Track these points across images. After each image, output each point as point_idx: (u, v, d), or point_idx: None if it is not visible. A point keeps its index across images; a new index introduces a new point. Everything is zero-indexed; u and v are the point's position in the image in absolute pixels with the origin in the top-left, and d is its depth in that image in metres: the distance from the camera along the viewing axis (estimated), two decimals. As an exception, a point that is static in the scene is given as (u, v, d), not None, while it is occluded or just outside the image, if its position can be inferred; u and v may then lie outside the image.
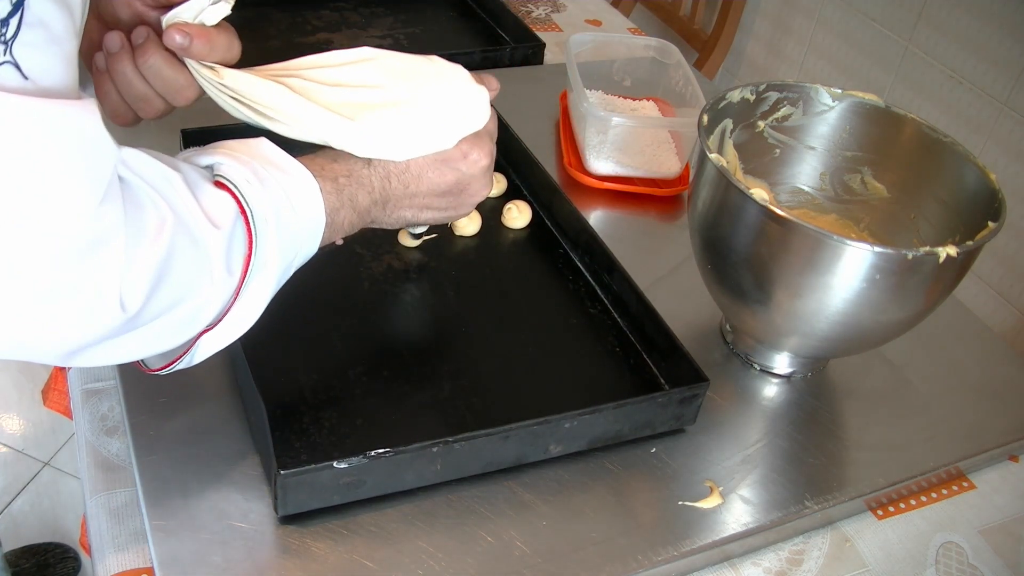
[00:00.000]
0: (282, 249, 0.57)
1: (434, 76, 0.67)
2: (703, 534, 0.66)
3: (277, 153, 0.59)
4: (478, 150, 0.67)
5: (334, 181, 0.61)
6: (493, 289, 0.84)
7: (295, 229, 0.58)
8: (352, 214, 0.63)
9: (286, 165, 0.58)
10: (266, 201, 0.55)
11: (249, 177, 0.55)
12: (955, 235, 0.74)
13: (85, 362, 0.51)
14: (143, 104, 0.62)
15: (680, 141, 1.06)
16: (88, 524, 0.66)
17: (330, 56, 0.64)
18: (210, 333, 0.56)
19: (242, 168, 0.55)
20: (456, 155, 0.66)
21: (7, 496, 1.67)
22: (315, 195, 0.59)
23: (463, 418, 0.70)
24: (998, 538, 0.73)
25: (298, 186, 0.58)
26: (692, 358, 0.72)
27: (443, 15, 1.37)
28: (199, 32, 0.58)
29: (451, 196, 0.68)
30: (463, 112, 0.67)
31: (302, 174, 0.59)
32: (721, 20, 2.00)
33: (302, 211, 0.58)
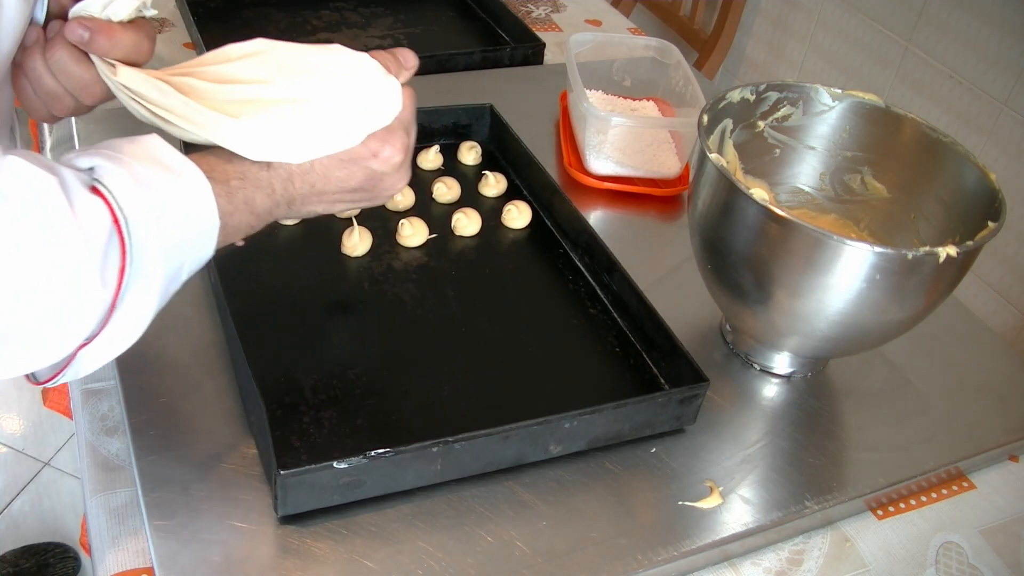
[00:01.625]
0: (166, 257, 0.53)
1: (335, 68, 0.61)
2: (703, 534, 0.66)
3: (167, 152, 0.54)
4: (390, 146, 0.62)
5: (225, 184, 0.57)
6: (493, 289, 0.84)
7: (182, 234, 0.54)
8: (249, 216, 0.59)
9: (175, 164, 0.54)
10: (145, 206, 0.51)
11: (127, 181, 0.51)
12: (955, 235, 0.74)
13: None
14: (54, 101, 0.60)
15: (680, 141, 1.06)
16: (88, 524, 0.66)
17: (225, 51, 0.60)
18: (90, 347, 0.52)
19: (120, 171, 0.51)
20: (365, 153, 0.61)
21: (7, 496, 1.67)
22: (206, 196, 0.55)
23: (463, 418, 0.70)
24: (998, 538, 0.73)
25: (186, 187, 0.54)
26: (692, 358, 0.72)
27: (443, 15, 1.37)
28: (101, 27, 0.56)
29: (363, 191, 0.64)
30: (368, 106, 0.61)
31: (192, 174, 0.54)
32: (721, 20, 2.00)
33: (191, 213, 0.54)
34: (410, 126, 0.64)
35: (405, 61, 0.65)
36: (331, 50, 0.62)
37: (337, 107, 0.60)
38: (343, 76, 0.61)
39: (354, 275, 0.83)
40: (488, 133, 1.04)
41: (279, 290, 0.80)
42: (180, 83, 0.58)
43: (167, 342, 0.74)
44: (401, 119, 0.63)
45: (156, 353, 0.73)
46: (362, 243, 0.85)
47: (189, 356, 0.73)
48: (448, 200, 0.94)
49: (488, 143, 1.03)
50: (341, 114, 0.60)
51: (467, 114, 1.03)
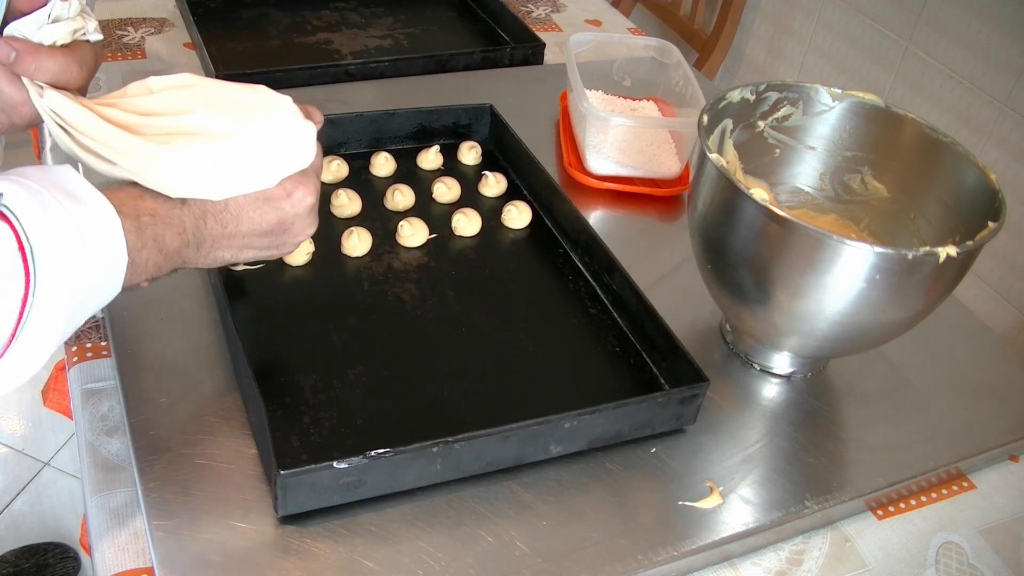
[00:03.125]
0: (71, 288, 0.51)
1: (257, 109, 0.62)
2: (703, 534, 0.66)
3: (77, 182, 0.53)
4: (303, 188, 0.63)
5: (135, 219, 0.56)
6: (493, 289, 0.84)
7: (88, 266, 0.52)
8: (158, 255, 0.58)
9: (84, 195, 0.53)
10: (50, 234, 0.50)
11: (34, 208, 0.50)
12: (955, 235, 0.74)
13: None
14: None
15: (680, 141, 1.06)
16: (88, 524, 0.66)
17: (148, 82, 0.60)
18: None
19: (28, 197, 0.50)
20: (280, 193, 0.62)
21: (7, 496, 1.67)
22: (114, 230, 0.54)
23: (463, 418, 0.70)
24: (998, 538, 0.73)
25: (94, 219, 0.53)
26: (692, 358, 0.72)
27: (443, 15, 1.37)
28: (27, 49, 0.57)
29: (273, 236, 0.64)
30: (287, 149, 0.62)
31: (101, 206, 0.53)
32: (721, 20, 2.00)
33: (97, 247, 0.53)
34: (320, 172, 0.65)
35: (314, 117, 0.65)
36: (255, 89, 0.62)
37: (257, 146, 0.60)
38: (263, 116, 0.61)
39: (354, 275, 0.83)
40: (488, 133, 1.04)
41: (279, 290, 0.80)
42: (103, 112, 0.58)
43: (167, 342, 0.74)
44: (314, 165, 0.64)
45: (156, 353, 0.73)
46: (362, 243, 0.85)
47: (189, 356, 0.73)
48: (448, 200, 0.94)
49: (488, 143, 1.04)
50: (261, 153, 0.61)
51: (467, 114, 1.03)
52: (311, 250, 0.83)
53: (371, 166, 0.97)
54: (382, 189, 0.93)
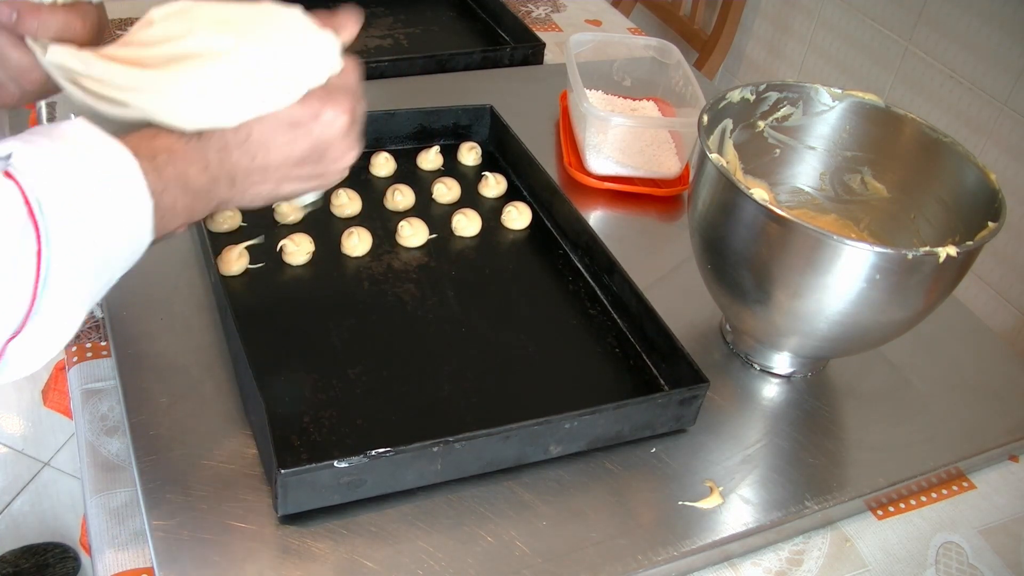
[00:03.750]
0: (92, 241, 0.49)
1: (262, 21, 0.57)
2: (703, 534, 0.66)
3: (87, 131, 0.51)
4: (331, 107, 0.57)
5: (152, 159, 0.52)
6: (493, 289, 0.84)
7: (108, 215, 0.50)
8: (184, 195, 0.54)
9: (95, 143, 0.50)
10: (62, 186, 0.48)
11: (41, 162, 0.48)
12: (955, 235, 0.74)
13: None
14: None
15: (680, 141, 1.06)
16: (88, 524, 0.66)
17: (148, 15, 0.57)
18: (17, 341, 0.49)
19: (36, 152, 0.48)
20: (306, 115, 0.57)
21: (7, 496, 1.67)
22: (132, 173, 0.51)
23: (463, 418, 0.70)
24: (998, 538, 0.73)
25: (108, 165, 0.50)
26: (692, 359, 0.72)
27: (443, 15, 1.37)
28: (28, 8, 0.55)
29: (311, 164, 0.59)
30: (300, 62, 0.57)
31: (114, 150, 0.51)
32: (721, 20, 2.00)
33: (115, 192, 0.50)
34: (356, 91, 0.60)
35: (344, 24, 0.60)
36: (258, 5, 0.57)
37: (267, 61, 0.55)
38: (271, 29, 0.57)
39: (354, 275, 0.83)
40: (488, 133, 1.04)
41: (279, 290, 0.80)
42: (106, 52, 0.55)
43: (167, 342, 0.74)
44: (345, 82, 0.59)
45: (156, 353, 0.73)
46: (362, 243, 0.85)
47: (189, 356, 0.73)
48: (448, 201, 0.94)
49: (488, 143, 1.03)
50: (272, 68, 0.56)
51: (467, 114, 1.03)
52: (311, 250, 0.83)
53: (371, 166, 0.97)
54: (382, 189, 0.93)
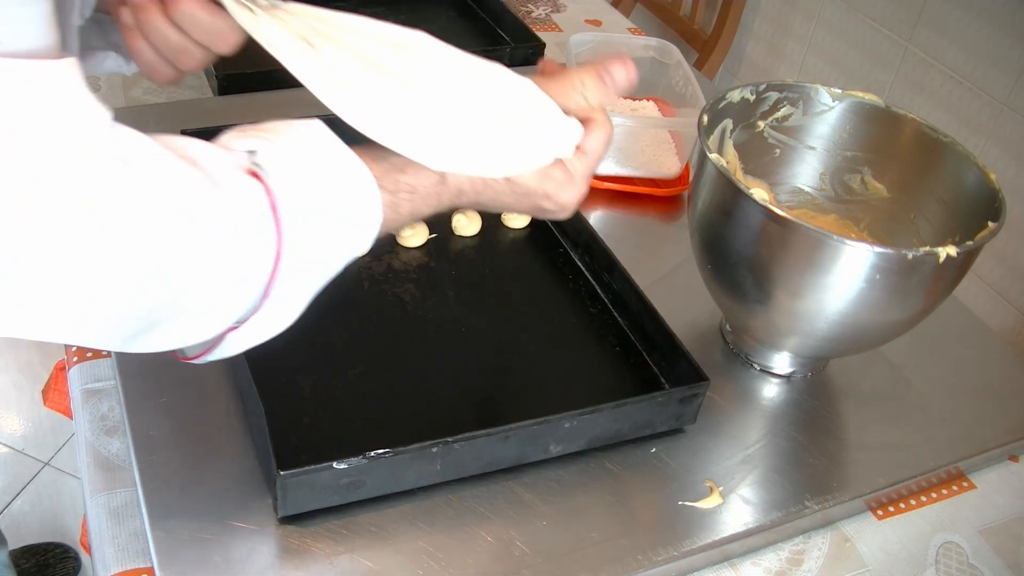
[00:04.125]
0: (321, 248, 0.51)
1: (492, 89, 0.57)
2: (703, 534, 0.66)
3: (333, 145, 0.52)
4: (565, 193, 0.58)
5: (394, 194, 0.54)
6: (493, 289, 0.84)
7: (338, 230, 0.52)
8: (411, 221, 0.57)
9: (341, 159, 0.52)
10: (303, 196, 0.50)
11: (288, 168, 0.49)
12: (955, 235, 0.74)
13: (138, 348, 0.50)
14: (182, 56, 0.55)
15: (680, 141, 1.06)
16: (88, 524, 0.66)
17: (381, 29, 0.56)
18: (238, 331, 0.52)
19: (282, 156, 0.50)
20: (538, 192, 0.57)
21: (7, 496, 1.67)
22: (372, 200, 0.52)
23: (463, 418, 0.70)
24: (998, 538, 0.73)
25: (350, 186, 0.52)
26: (692, 358, 0.72)
27: (443, 15, 1.37)
28: None
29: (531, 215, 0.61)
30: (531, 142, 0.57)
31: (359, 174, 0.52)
32: (721, 20, 2.00)
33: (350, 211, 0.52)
34: (587, 179, 0.60)
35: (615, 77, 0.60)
36: (492, 68, 0.58)
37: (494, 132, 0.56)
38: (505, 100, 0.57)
39: (354, 275, 0.83)
40: (488, 133, 1.04)
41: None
42: (325, 49, 0.53)
43: (167, 342, 0.74)
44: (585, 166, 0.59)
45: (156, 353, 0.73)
46: (362, 243, 0.85)
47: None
48: (448, 200, 0.93)
49: (488, 143, 1.03)
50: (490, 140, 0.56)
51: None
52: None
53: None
54: (382, 189, 0.93)
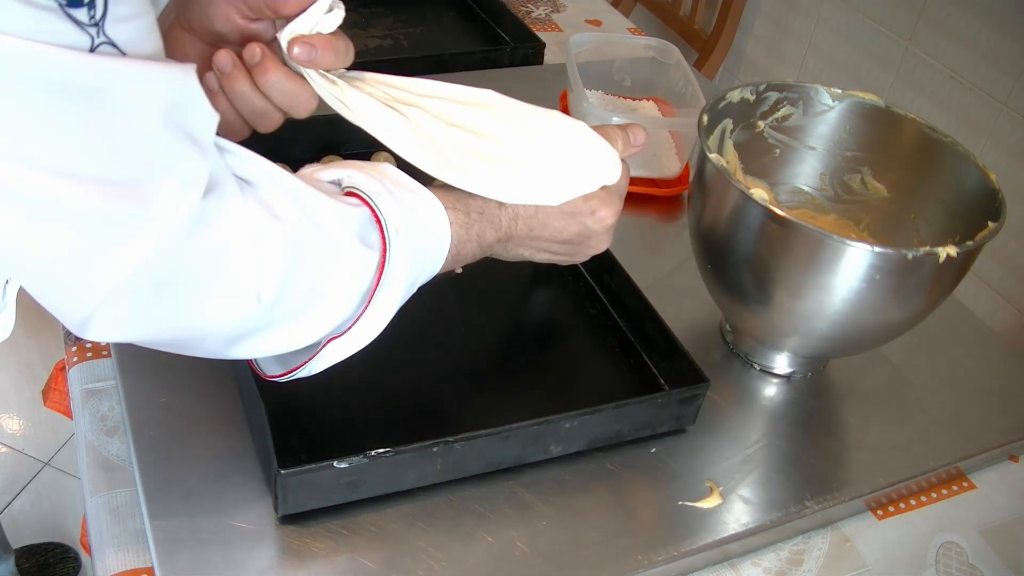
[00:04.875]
0: (411, 264, 0.56)
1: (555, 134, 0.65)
2: (703, 534, 0.66)
3: (405, 176, 0.59)
4: (607, 208, 0.66)
5: (467, 215, 0.61)
6: (493, 289, 0.84)
7: (422, 248, 0.58)
8: (477, 248, 0.63)
9: (415, 188, 0.58)
10: (398, 213, 0.55)
11: (380, 190, 0.55)
12: (955, 235, 0.74)
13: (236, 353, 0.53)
14: (261, 119, 0.61)
15: (680, 141, 1.06)
16: (88, 524, 0.66)
17: (451, 90, 0.63)
18: (338, 340, 0.56)
19: (372, 182, 0.56)
20: (585, 209, 0.66)
21: (7, 496, 1.67)
22: (443, 221, 0.59)
23: (463, 418, 0.70)
24: (998, 538, 0.73)
25: (427, 209, 0.58)
26: (692, 358, 0.72)
27: (443, 15, 1.37)
28: (322, 43, 0.57)
29: (570, 245, 0.68)
30: (588, 170, 0.66)
31: (430, 199, 0.59)
32: (721, 20, 2.00)
33: (430, 233, 0.58)
34: (624, 194, 0.69)
35: (635, 139, 0.69)
36: (552, 115, 0.66)
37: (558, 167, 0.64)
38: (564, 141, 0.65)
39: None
40: (488, 133, 1.04)
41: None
42: (407, 112, 0.60)
43: (167, 342, 0.74)
44: (619, 187, 0.67)
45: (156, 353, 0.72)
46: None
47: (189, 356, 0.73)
48: (448, 200, 0.94)
49: (488, 143, 1.03)
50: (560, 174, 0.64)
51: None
52: None
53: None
54: (382, 189, 0.93)
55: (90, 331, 0.46)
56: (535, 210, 0.64)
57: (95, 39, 0.40)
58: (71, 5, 0.39)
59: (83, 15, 0.39)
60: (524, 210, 0.64)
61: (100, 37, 0.41)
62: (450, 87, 0.63)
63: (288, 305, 0.51)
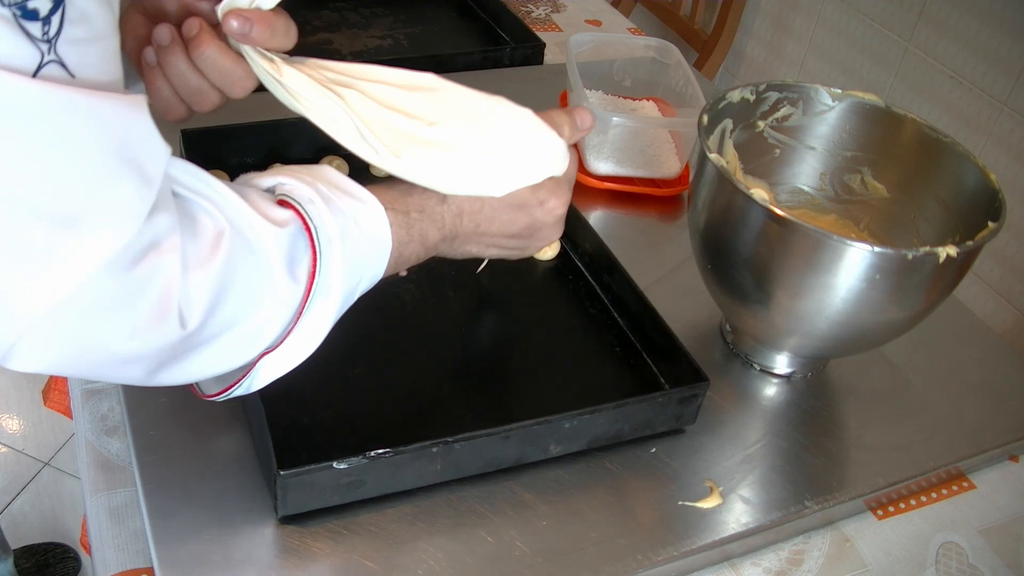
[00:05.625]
0: (346, 272, 0.55)
1: (501, 119, 0.62)
2: (703, 534, 0.66)
3: (343, 179, 0.57)
4: (556, 198, 0.65)
5: (406, 214, 0.59)
6: (493, 289, 0.84)
7: (360, 253, 0.56)
8: (420, 248, 0.61)
9: (353, 190, 0.57)
10: (331, 221, 0.54)
11: (313, 196, 0.54)
12: (955, 235, 0.74)
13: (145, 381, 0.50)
14: (198, 97, 0.59)
15: (680, 141, 1.06)
16: (88, 524, 0.66)
17: (393, 74, 0.61)
18: (271, 355, 0.55)
19: (306, 188, 0.54)
20: (533, 200, 0.64)
21: (7, 496, 1.67)
22: (382, 223, 0.57)
23: (463, 418, 0.70)
24: (998, 538, 0.73)
25: (365, 211, 0.56)
26: (692, 358, 0.72)
27: (443, 15, 1.37)
28: (259, 17, 0.55)
29: (520, 239, 0.66)
30: (533, 160, 0.63)
31: (369, 200, 0.57)
32: (721, 20, 2.00)
33: (369, 236, 0.57)
34: (572, 183, 0.67)
35: (582, 122, 0.66)
36: (496, 101, 0.63)
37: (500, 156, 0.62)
38: (508, 128, 0.62)
39: (354, 275, 0.83)
40: (488, 133, 1.04)
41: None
42: (343, 94, 0.58)
43: (167, 342, 0.74)
44: (568, 176, 0.66)
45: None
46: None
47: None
48: (448, 200, 0.94)
49: (488, 143, 1.03)
50: (497, 163, 0.62)
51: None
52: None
53: (371, 167, 0.96)
54: (382, 189, 0.93)
55: (12, 361, 0.44)
56: (480, 205, 0.62)
57: (45, 55, 0.39)
58: (26, 17, 0.38)
59: (36, 29, 0.38)
60: (469, 205, 0.62)
61: (51, 55, 0.40)
62: (392, 71, 0.61)
63: (213, 330, 0.49)
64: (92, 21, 0.41)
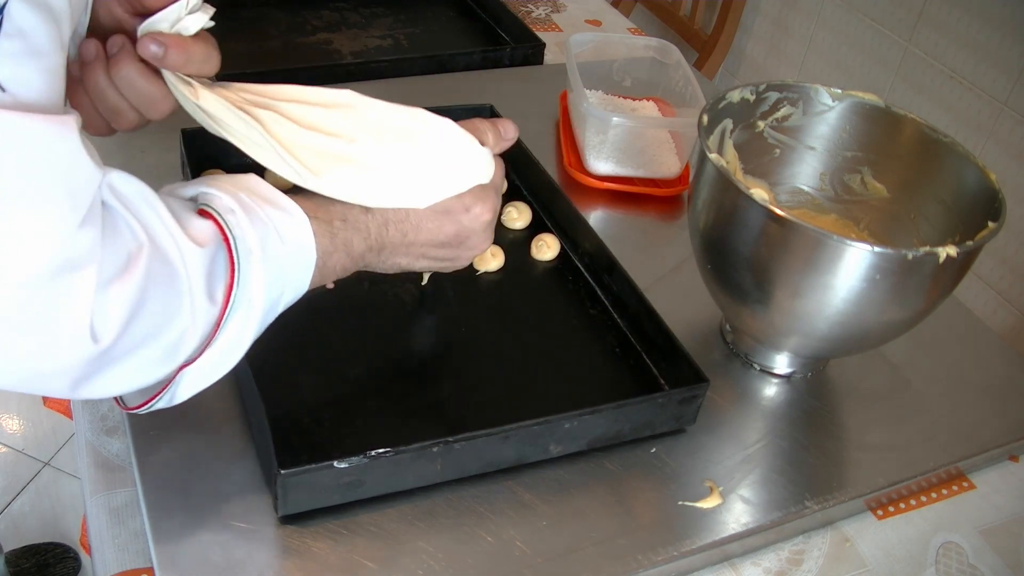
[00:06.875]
0: (268, 283, 0.54)
1: (420, 134, 0.63)
2: (703, 534, 0.66)
3: (267, 188, 0.57)
4: (481, 204, 0.65)
5: (329, 224, 0.59)
6: (493, 289, 0.84)
7: (283, 264, 0.55)
8: (345, 259, 0.61)
9: (276, 199, 0.56)
10: (251, 232, 0.53)
11: (234, 206, 0.53)
12: (955, 235, 0.74)
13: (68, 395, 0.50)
14: (116, 116, 0.59)
15: (680, 141, 1.06)
16: (88, 524, 0.66)
17: (310, 92, 0.61)
18: (192, 367, 0.54)
19: (227, 198, 0.54)
20: (458, 207, 0.64)
21: (7, 496, 1.67)
22: (306, 232, 0.57)
23: (463, 418, 0.70)
24: (998, 538, 0.73)
25: (288, 221, 0.56)
26: (692, 358, 0.72)
27: (443, 15, 1.37)
28: (175, 42, 0.56)
29: (449, 248, 0.66)
30: (452, 169, 0.64)
31: (293, 210, 0.56)
32: (721, 20, 2.00)
33: (291, 246, 0.56)
34: (500, 190, 0.68)
35: (505, 132, 0.68)
36: (415, 115, 0.63)
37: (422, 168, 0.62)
38: (428, 140, 0.63)
39: (354, 275, 0.83)
40: (488, 133, 1.04)
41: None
42: (261, 116, 0.58)
43: (167, 342, 0.74)
44: (494, 183, 0.66)
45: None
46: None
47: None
48: (448, 200, 0.94)
49: (488, 143, 1.03)
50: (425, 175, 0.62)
51: (467, 114, 1.02)
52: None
53: None
54: (382, 189, 0.93)
55: None
56: (406, 214, 0.62)
57: None
58: None
59: None
60: (394, 215, 0.62)
61: None
62: (310, 90, 0.61)
63: (127, 345, 0.49)
64: (29, 37, 0.41)
